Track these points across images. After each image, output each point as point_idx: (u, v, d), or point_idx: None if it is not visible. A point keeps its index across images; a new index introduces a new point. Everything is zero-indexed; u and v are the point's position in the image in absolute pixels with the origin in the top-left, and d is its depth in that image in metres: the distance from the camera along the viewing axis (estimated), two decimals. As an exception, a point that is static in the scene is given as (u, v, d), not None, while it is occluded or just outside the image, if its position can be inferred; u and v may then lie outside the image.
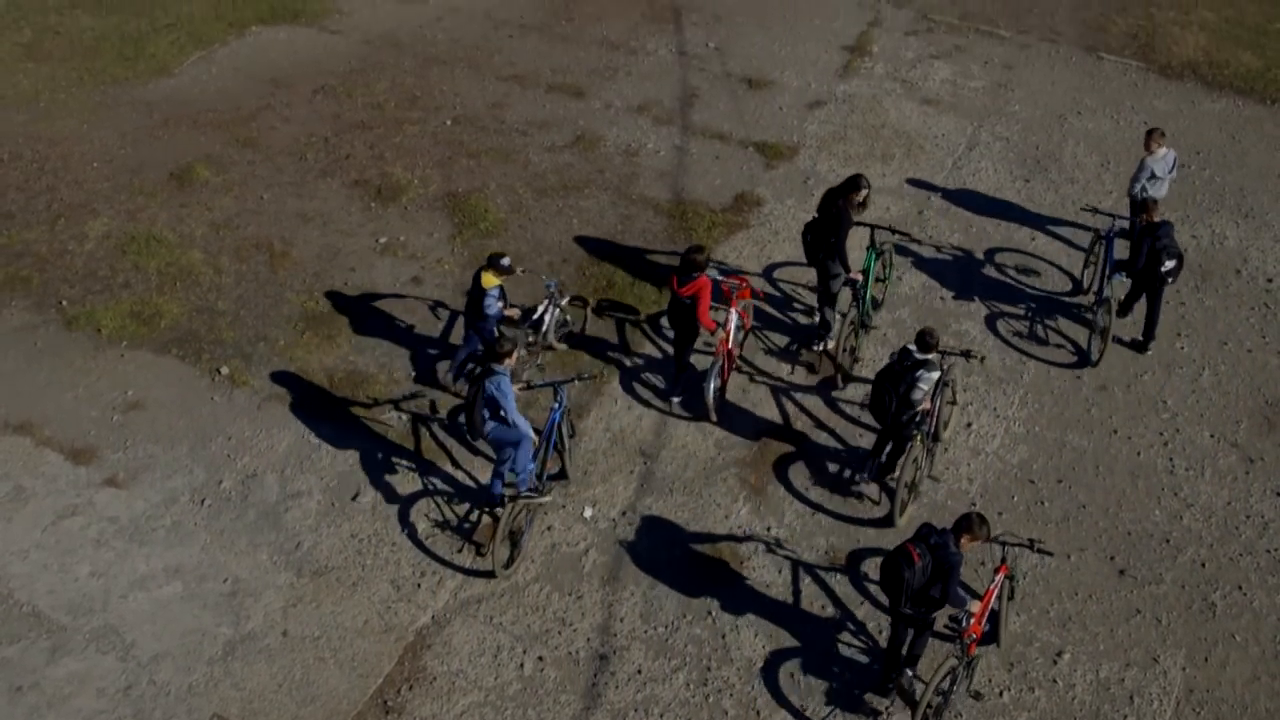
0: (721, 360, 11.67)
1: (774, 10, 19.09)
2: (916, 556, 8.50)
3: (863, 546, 10.53)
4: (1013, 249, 14.09)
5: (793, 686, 9.45)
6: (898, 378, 10.21)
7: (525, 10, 18.99)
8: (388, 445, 11.41)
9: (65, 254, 13.70)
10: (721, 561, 10.40)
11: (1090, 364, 12.35)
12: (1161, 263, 11.80)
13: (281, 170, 15.19)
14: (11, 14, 18.65)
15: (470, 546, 10.51)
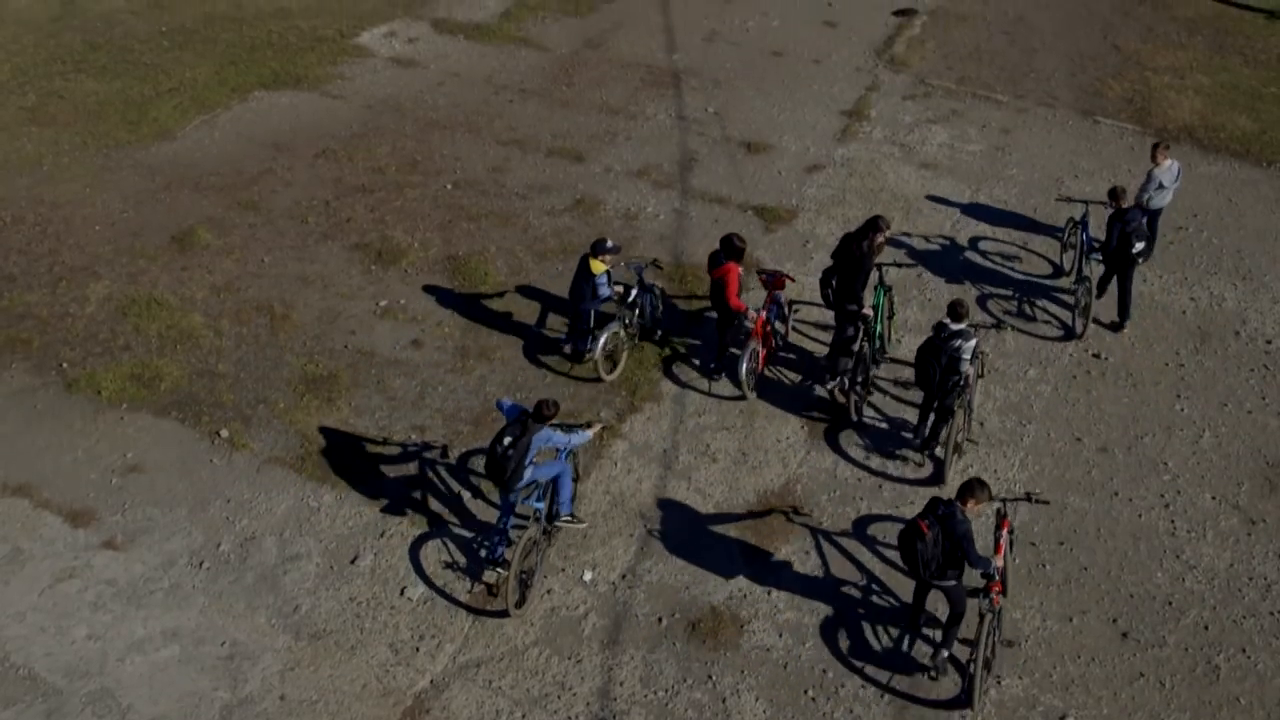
0: (755, 344, 12.66)
1: (773, 76, 19.58)
2: (926, 529, 9.46)
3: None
4: (1005, 294, 14.42)
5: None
6: (938, 350, 11.44)
7: (525, 76, 19.47)
8: (387, 507, 11.57)
9: (66, 316, 13.97)
10: (722, 625, 10.52)
11: (1075, 337, 13.75)
12: (1132, 245, 13.19)
13: (283, 233, 15.52)
14: (17, 79, 19.13)
15: (481, 587, 10.77)
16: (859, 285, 12.46)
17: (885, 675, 10.09)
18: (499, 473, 10.37)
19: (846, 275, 12.46)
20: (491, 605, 10.65)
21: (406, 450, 12.22)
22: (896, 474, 12.10)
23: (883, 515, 11.61)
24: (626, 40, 20.68)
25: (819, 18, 21.63)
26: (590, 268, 12.75)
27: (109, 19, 21.21)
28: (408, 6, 21.75)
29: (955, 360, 11.40)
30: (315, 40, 20.47)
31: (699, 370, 13.35)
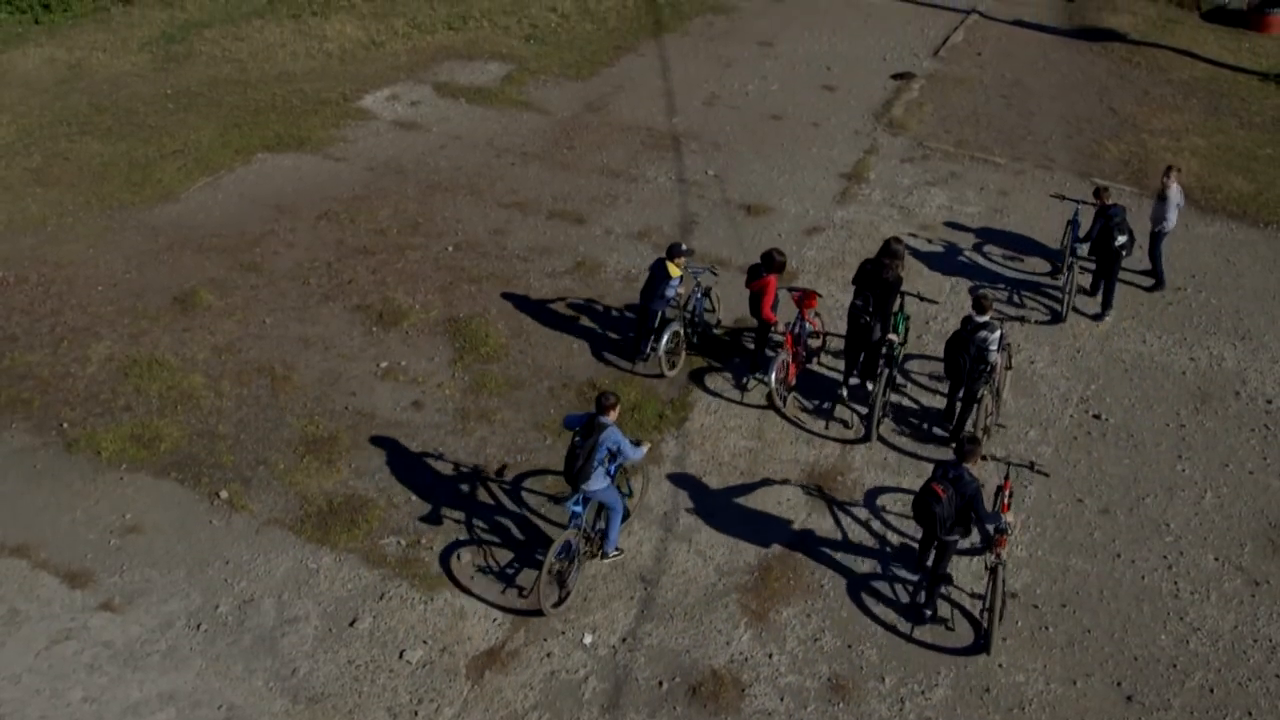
0: (785, 355, 13.51)
1: (772, 139, 19.91)
2: (941, 492, 10.47)
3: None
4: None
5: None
6: (966, 341, 12.46)
7: (527, 138, 19.81)
8: (386, 569, 11.62)
9: (67, 377, 14.12)
10: (723, 688, 10.52)
11: (1060, 320, 15.17)
12: (1114, 239, 14.61)
13: (284, 295, 15.72)
14: (22, 140, 19.48)
15: (514, 590, 11.35)
16: (889, 309, 13.38)
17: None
18: (574, 469, 10.99)
19: (881, 300, 13.30)
20: (524, 605, 11.18)
21: (409, 503, 12.31)
22: (895, 542, 12.16)
23: (883, 577, 11.65)
24: (627, 104, 21.07)
25: (818, 82, 22.04)
26: (668, 270, 13.88)
27: (115, 82, 21.64)
28: (410, 70, 22.18)
29: (983, 350, 12.48)
30: (319, 103, 20.86)
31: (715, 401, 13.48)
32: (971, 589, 11.48)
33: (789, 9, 25.44)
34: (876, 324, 13.35)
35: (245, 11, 24.75)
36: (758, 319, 13.98)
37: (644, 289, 14.16)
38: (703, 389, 14.09)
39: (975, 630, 11.07)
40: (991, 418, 13.29)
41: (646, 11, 25.05)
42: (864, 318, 13.36)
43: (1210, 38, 24.32)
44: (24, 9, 24.41)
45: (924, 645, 10.98)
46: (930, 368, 14.39)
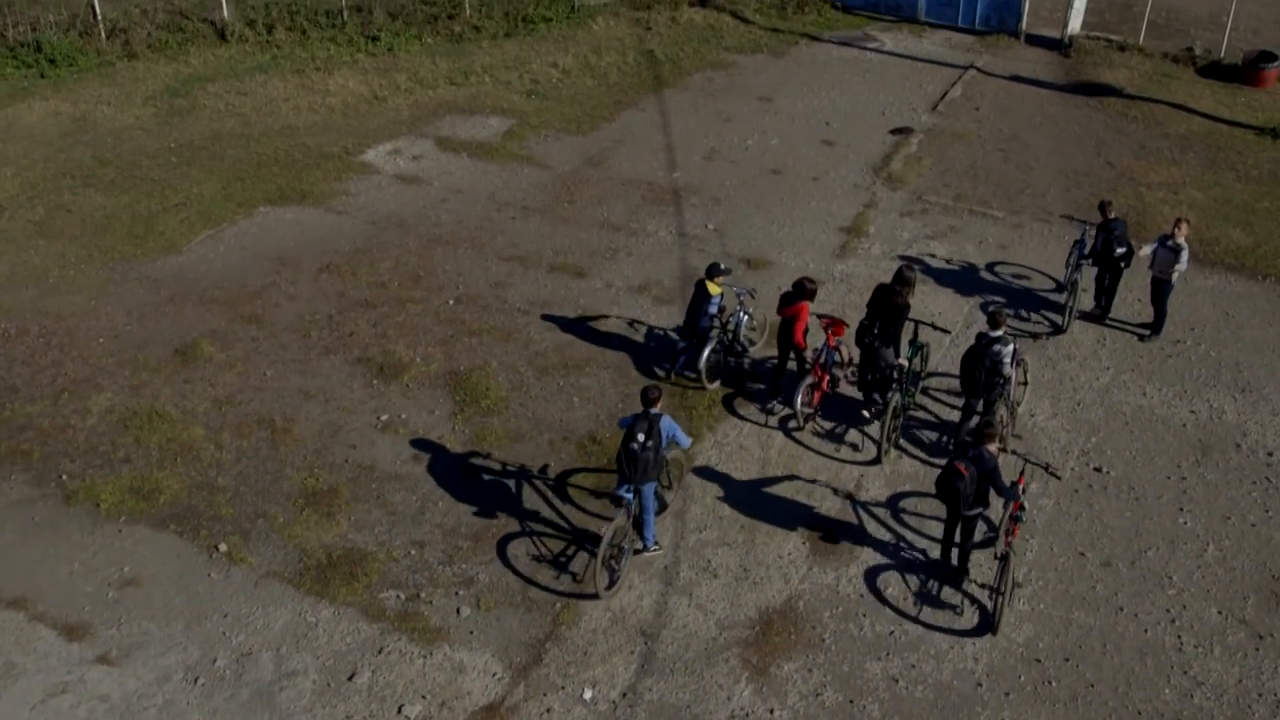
0: (812, 379, 14.15)
1: (772, 193, 20.16)
2: (964, 470, 11.42)
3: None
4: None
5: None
6: (981, 355, 13.15)
7: (528, 193, 20.06)
8: (385, 623, 11.64)
9: (67, 428, 14.22)
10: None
11: (1061, 332, 16.20)
12: (1113, 250, 15.78)
13: (285, 347, 15.85)
14: (26, 193, 19.73)
15: (567, 576, 12.13)
16: (897, 332, 14.00)
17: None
18: (637, 466, 11.65)
19: (886, 324, 13.96)
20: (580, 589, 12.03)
21: (407, 558, 12.35)
22: (895, 599, 12.20)
23: (885, 630, 11.68)
24: (627, 158, 21.35)
25: (817, 136, 22.34)
26: (708, 289, 14.73)
27: (119, 135, 21.93)
28: (412, 125, 22.50)
29: (997, 364, 13.14)
30: (321, 157, 21.13)
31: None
32: (980, 580, 12.28)
33: (788, 65, 25.84)
34: (883, 348, 14.00)
35: (249, 66, 25.12)
36: (788, 344, 14.57)
37: (688, 308, 15.15)
38: (731, 414, 14.22)
39: (982, 614, 11.88)
40: (1007, 430, 13.91)
41: (647, 67, 25.44)
42: (868, 338, 14.06)
43: (1206, 92, 24.66)
44: (30, 63, 24.76)
45: (934, 628, 11.72)
46: (948, 384, 15.04)
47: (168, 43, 25.91)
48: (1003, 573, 11.57)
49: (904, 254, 18.28)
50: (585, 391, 15.13)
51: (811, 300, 14.41)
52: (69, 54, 25.02)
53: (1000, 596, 11.57)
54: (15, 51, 25.04)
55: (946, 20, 28.10)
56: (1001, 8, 27.48)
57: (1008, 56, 26.47)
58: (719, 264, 15.05)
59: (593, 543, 12.45)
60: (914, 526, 13.02)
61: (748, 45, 26.87)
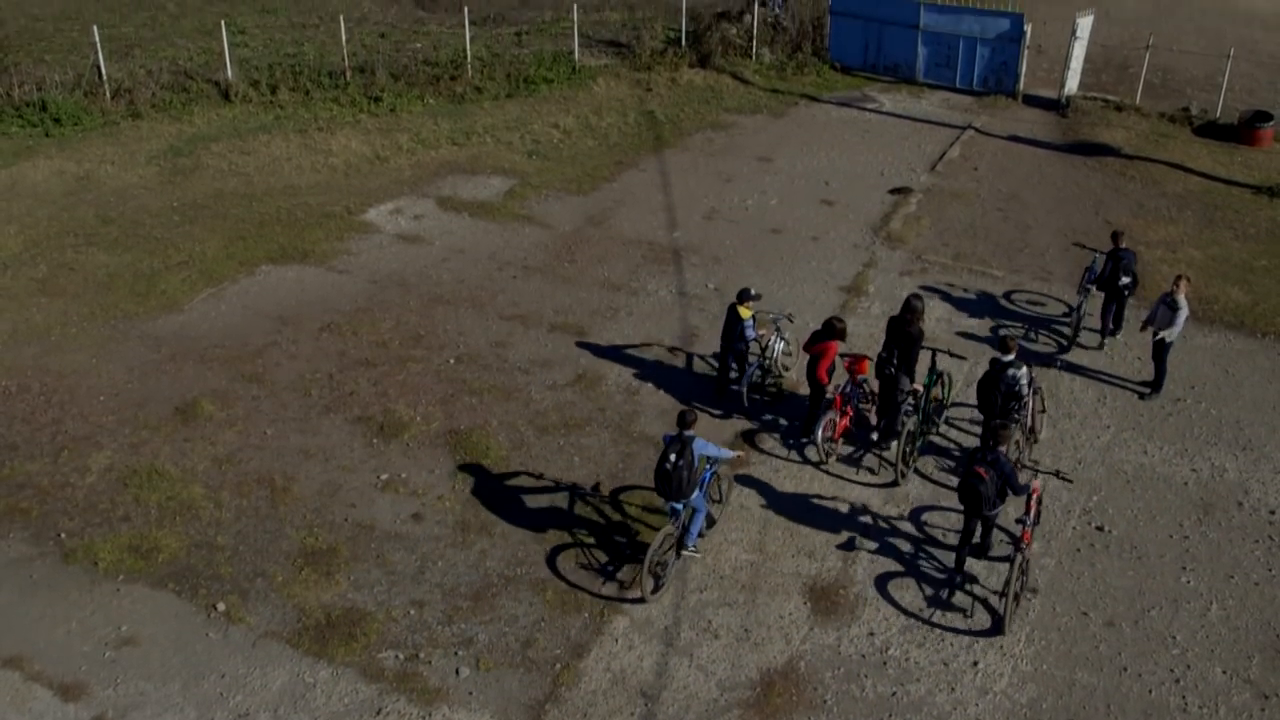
0: (834, 414, 14.72)
1: (772, 253, 20.41)
2: (984, 473, 12.22)
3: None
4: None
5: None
6: (997, 380, 13.92)
7: (529, 252, 20.31)
8: (384, 683, 11.65)
9: (67, 486, 14.31)
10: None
11: (1067, 350, 17.43)
12: (1119, 278, 16.97)
13: (286, 406, 15.99)
14: (29, 250, 19.98)
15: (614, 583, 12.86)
16: (913, 360, 14.81)
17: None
18: (671, 484, 12.39)
19: (904, 352, 14.80)
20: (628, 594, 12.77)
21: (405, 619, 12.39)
22: (899, 653, 12.22)
23: (887, 691, 11.68)
24: (628, 218, 21.63)
25: (817, 196, 22.65)
26: (739, 314, 15.51)
27: (122, 194, 22.24)
28: (414, 185, 22.82)
29: (1012, 388, 13.87)
30: (323, 216, 21.42)
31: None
32: (992, 587, 12.94)
33: (787, 126, 26.25)
34: (902, 375, 14.82)
35: (252, 126, 25.52)
36: (812, 381, 15.09)
37: (723, 334, 15.97)
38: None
39: (993, 616, 12.53)
40: (1022, 454, 14.63)
41: (647, 128, 25.85)
42: (888, 369, 14.89)
43: (1203, 152, 25.05)
44: (35, 122, 25.17)
45: (945, 628, 12.38)
46: (968, 412, 15.75)
47: (172, 102, 26.36)
48: (1013, 577, 12.18)
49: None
50: (585, 451, 15.24)
51: (841, 339, 15.08)
52: (74, 113, 25.45)
53: (1006, 599, 12.23)
54: (21, 110, 25.47)
55: (944, 81, 28.62)
56: (999, 69, 28.00)
57: (1005, 117, 26.91)
58: (749, 289, 15.85)
59: (640, 551, 13.24)
60: (915, 590, 13.05)
61: (747, 106, 27.32)
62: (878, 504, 14.28)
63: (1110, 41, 30.19)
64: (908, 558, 13.47)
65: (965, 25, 28.05)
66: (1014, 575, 12.19)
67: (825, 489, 14.52)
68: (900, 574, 13.22)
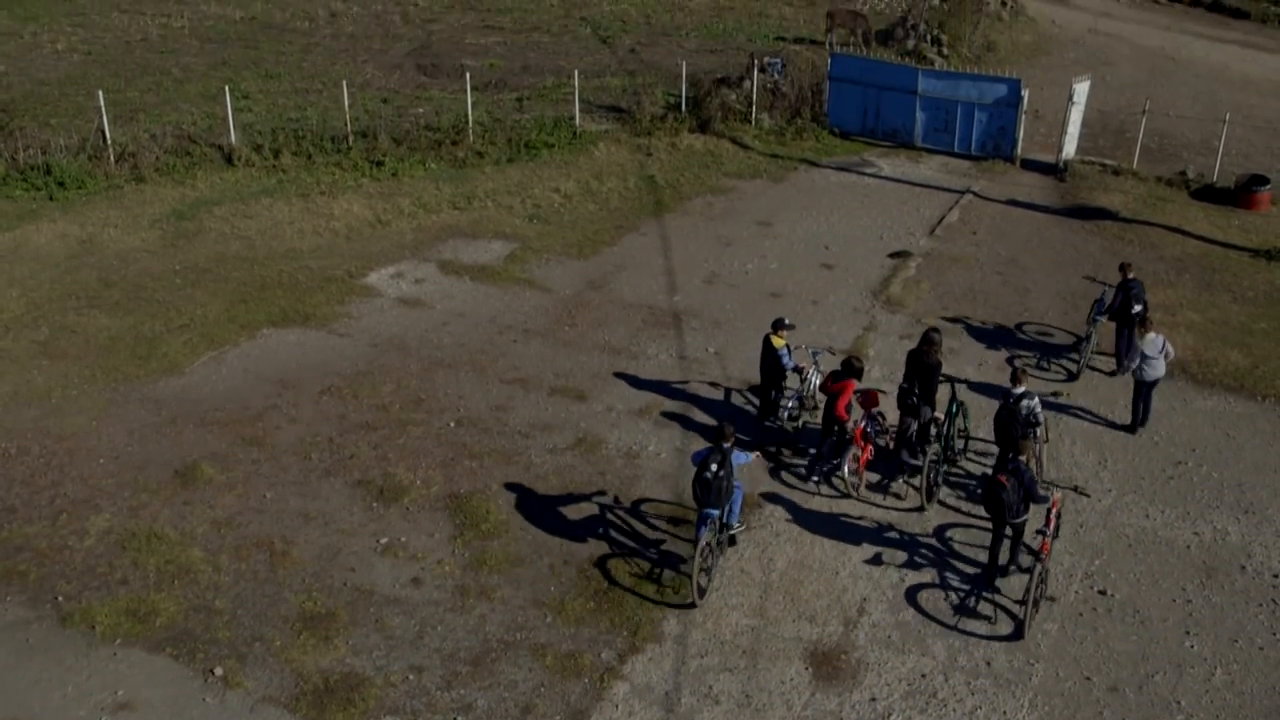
0: (856, 449, 15.50)
1: (772, 316, 20.54)
2: (1006, 481, 13.23)
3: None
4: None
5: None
6: (1014, 411, 14.76)
7: (529, 316, 20.53)
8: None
9: (65, 549, 14.38)
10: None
11: (1075, 378, 18.54)
12: (1131, 306, 18.07)
13: (285, 469, 16.10)
14: (31, 313, 20.20)
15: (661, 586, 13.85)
16: (933, 389, 15.71)
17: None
18: (711, 492, 13.42)
19: (924, 383, 15.69)
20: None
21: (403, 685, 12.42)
22: (901, 719, 12.23)
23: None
24: (628, 282, 21.89)
25: (816, 260, 22.94)
26: (772, 343, 16.47)
27: (125, 257, 22.52)
28: (415, 248, 23.12)
29: (1030, 416, 14.77)
30: (324, 280, 21.68)
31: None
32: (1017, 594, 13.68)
33: (787, 190, 26.63)
34: (923, 404, 15.68)
35: (254, 190, 25.89)
36: (832, 418, 15.81)
37: (760, 364, 16.91)
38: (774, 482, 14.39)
39: (1014, 622, 13.38)
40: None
41: (647, 192, 26.22)
42: (910, 399, 15.76)
43: (1200, 215, 25.41)
44: (39, 186, 25.53)
45: (966, 634, 13.17)
46: (982, 446, 16.61)
47: (175, 167, 26.74)
48: (1032, 585, 13.04)
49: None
50: (586, 514, 15.31)
51: (859, 378, 15.87)
52: (78, 177, 25.82)
53: (1025, 606, 13.09)
54: (25, 174, 25.84)
55: (943, 146, 29.06)
56: (996, 134, 28.45)
57: (1004, 181, 27.30)
58: (783, 319, 16.96)
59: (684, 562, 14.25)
60: (919, 651, 13.08)
61: (747, 171, 27.73)
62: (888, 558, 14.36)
63: (1107, 107, 30.73)
64: (912, 627, 13.51)
65: (963, 91, 28.54)
66: (1034, 583, 13.03)
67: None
68: (904, 641, 13.25)
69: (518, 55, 36.32)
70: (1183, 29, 41.69)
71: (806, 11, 41.69)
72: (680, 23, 40.42)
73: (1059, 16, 42.09)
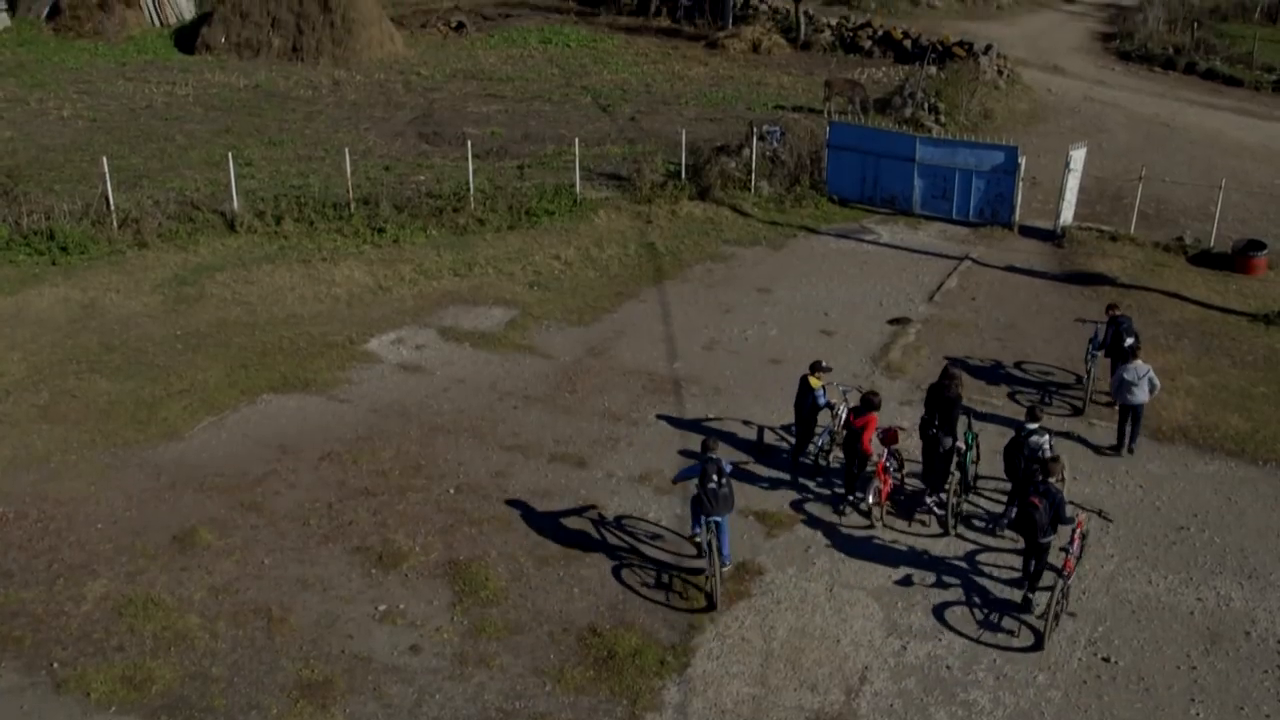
0: (878, 482, 16.39)
1: (771, 383, 20.72)
2: (1037, 501, 14.15)
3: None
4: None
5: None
6: (1021, 445, 15.70)
7: (529, 382, 20.65)
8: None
9: (61, 615, 14.37)
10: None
11: (1080, 413, 19.56)
12: (1123, 340, 18.81)
13: (284, 535, 16.13)
14: (32, 377, 20.33)
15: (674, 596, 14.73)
16: (954, 421, 16.51)
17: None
18: (720, 503, 14.71)
19: (945, 414, 16.51)
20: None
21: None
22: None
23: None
24: (628, 348, 22.04)
25: (816, 326, 23.11)
26: (809, 384, 17.31)
27: (126, 322, 22.69)
28: (416, 315, 23.30)
29: (1036, 452, 15.45)
30: (325, 346, 21.83)
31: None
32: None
33: (786, 257, 26.89)
34: (944, 436, 16.42)
35: (256, 256, 26.14)
36: (855, 451, 16.70)
37: (795, 404, 17.66)
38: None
39: (1035, 636, 14.22)
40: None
41: (648, 259, 26.47)
42: (932, 429, 16.54)
43: (1198, 280, 25.64)
44: (42, 250, 25.76)
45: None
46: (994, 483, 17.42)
47: (178, 232, 27.01)
48: (1053, 600, 13.97)
49: (903, 443, 18.70)
50: (585, 582, 15.33)
51: (878, 412, 16.72)
52: (81, 242, 26.06)
53: (1046, 620, 14.00)
54: (29, 239, 26.09)
55: (941, 213, 29.37)
56: (994, 200, 28.77)
57: (1002, 247, 27.57)
58: (821, 361, 17.86)
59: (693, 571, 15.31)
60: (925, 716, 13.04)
61: (747, 238, 28.00)
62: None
63: (1103, 173, 31.13)
64: (914, 695, 13.47)
65: (960, 158, 28.91)
66: (1055, 598, 13.96)
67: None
68: (907, 710, 13.20)
69: (519, 123, 36.82)
70: (1177, 96, 42.31)
71: (805, 80, 42.31)
72: (680, 91, 41.01)
73: (1054, 85, 42.73)
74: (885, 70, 43.96)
